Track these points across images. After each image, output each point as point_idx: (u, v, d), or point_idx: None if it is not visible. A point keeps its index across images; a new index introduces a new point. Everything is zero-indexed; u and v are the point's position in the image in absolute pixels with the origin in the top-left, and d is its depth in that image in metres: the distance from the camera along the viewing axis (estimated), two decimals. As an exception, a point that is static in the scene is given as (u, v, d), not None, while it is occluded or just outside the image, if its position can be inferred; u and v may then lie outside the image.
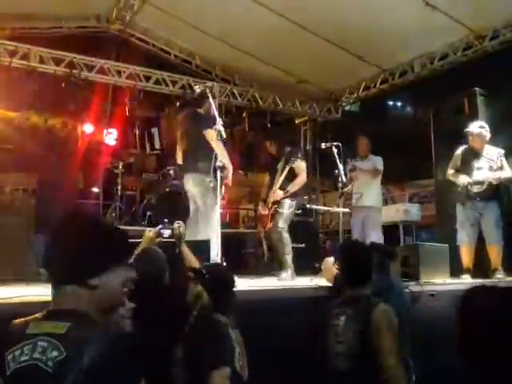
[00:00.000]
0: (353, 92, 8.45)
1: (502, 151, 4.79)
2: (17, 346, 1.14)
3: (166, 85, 7.43)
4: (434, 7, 5.79)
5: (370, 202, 5.64)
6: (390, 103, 11.70)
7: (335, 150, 4.97)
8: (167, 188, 6.35)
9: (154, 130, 8.05)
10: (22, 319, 1.24)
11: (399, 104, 11.89)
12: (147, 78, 7.34)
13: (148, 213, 5.92)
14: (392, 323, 2.33)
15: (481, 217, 4.70)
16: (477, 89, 5.42)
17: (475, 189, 4.67)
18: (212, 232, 3.94)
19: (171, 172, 6.46)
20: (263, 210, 4.84)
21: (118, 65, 7.19)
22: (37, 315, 1.22)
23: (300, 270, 4.65)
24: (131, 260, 1.47)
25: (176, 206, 5.97)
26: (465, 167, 4.80)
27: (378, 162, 5.75)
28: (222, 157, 4.03)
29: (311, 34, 6.63)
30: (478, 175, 4.69)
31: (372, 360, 2.25)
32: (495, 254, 4.64)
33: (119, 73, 7.15)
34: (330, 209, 4.73)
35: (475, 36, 6.34)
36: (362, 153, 5.88)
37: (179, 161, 4.53)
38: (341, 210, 4.71)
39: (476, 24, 6.21)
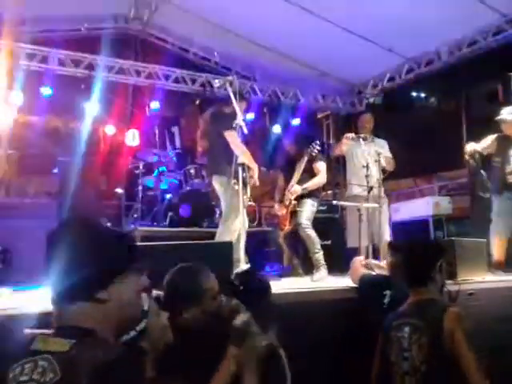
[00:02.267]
0: (377, 84, 8.20)
1: None
2: (19, 363, 1.06)
3: (186, 83, 7.35)
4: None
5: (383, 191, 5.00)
6: (414, 94, 11.38)
7: (362, 143, 4.80)
8: (188, 187, 6.26)
9: (175, 129, 7.98)
10: (32, 331, 1.16)
11: (423, 95, 11.55)
12: (166, 77, 7.27)
13: (169, 213, 5.83)
14: (468, 329, 2.06)
15: None
16: (512, 74, 5.16)
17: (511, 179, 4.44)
18: (230, 234, 3.81)
19: (192, 171, 6.36)
20: (280, 211, 4.68)
21: (137, 64, 7.15)
22: (47, 331, 1.13)
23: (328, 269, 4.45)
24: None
25: (197, 206, 5.88)
26: (500, 156, 4.56)
27: (386, 146, 5.26)
28: (244, 157, 3.91)
29: (331, 24, 6.42)
30: None
31: (446, 377, 1.98)
32: None
33: (138, 72, 7.11)
34: (357, 204, 4.53)
35: (506, 20, 6.03)
36: (365, 132, 5.24)
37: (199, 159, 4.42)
38: (370, 205, 4.52)
39: (506, 7, 5.90)
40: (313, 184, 4.57)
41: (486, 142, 4.70)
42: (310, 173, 4.61)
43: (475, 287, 3.28)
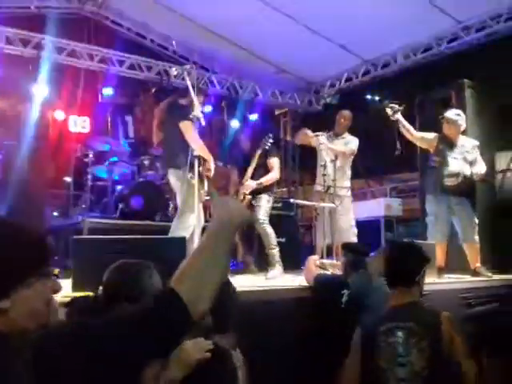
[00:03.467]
0: (334, 84, 8.29)
1: (477, 143, 4.60)
2: None
3: (141, 70, 7.11)
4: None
5: (343, 190, 4.98)
6: (369, 96, 11.61)
7: (321, 140, 4.79)
8: (141, 178, 6.06)
9: (128, 118, 7.72)
10: None
11: (378, 97, 11.81)
12: (121, 63, 7.00)
13: (120, 205, 5.61)
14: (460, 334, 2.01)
15: (454, 213, 4.47)
16: (465, 81, 5.29)
17: (449, 182, 4.42)
18: (185, 230, 3.70)
19: (146, 162, 6.16)
20: None
21: (91, 48, 6.83)
22: None
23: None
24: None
25: (150, 198, 5.69)
26: (440, 156, 4.53)
27: (353, 142, 5.13)
28: (199, 149, 3.80)
29: (292, 20, 6.40)
30: (452, 166, 4.42)
31: (447, 381, 1.95)
32: (474, 251, 4.48)
33: (91, 56, 6.80)
34: (315, 204, 4.52)
35: (461, 27, 6.22)
36: (339, 130, 5.14)
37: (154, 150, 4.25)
38: (327, 205, 4.52)
39: (461, 14, 6.09)
40: (266, 180, 4.52)
41: (429, 136, 4.65)
42: (264, 168, 4.57)
43: (427, 288, 3.34)
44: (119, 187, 6.10)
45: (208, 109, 7.27)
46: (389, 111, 4.44)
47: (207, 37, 7.13)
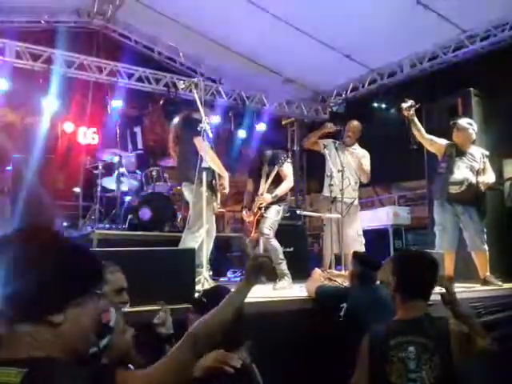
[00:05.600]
0: (340, 93, 8.33)
1: (487, 153, 4.58)
2: None
3: (149, 82, 7.18)
4: (425, 6, 5.68)
5: (350, 200, 4.93)
6: (376, 104, 11.63)
7: (326, 152, 4.80)
8: (150, 190, 6.10)
9: (137, 129, 7.80)
10: None
11: (385, 105, 11.82)
12: (129, 75, 7.09)
13: (129, 216, 5.66)
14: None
15: (460, 221, 4.44)
16: (472, 89, 5.29)
17: (453, 189, 4.41)
18: (194, 241, 3.74)
19: (154, 173, 6.21)
20: (248, 217, 4.63)
21: (99, 61, 6.92)
22: None
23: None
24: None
25: (158, 209, 5.73)
26: (446, 163, 4.52)
27: (367, 157, 5.13)
28: (215, 166, 3.85)
29: (299, 31, 6.46)
30: (457, 174, 4.42)
31: None
32: (483, 260, 4.44)
33: (100, 69, 6.89)
34: (321, 215, 4.53)
35: (466, 36, 6.25)
36: (349, 141, 5.11)
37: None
38: (333, 215, 4.52)
39: (467, 23, 6.11)
40: (281, 190, 4.50)
41: (438, 141, 4.64)
42: (277, 177, 4.54)
43: (435, 298, 3.33)
44: (128, 198, 6.15)
45: (216, 119, 7.33)
46: (404, 105, 4.38)
47: (214, 48, 7.21)
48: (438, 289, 2.32)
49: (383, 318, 2.32)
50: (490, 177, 4.50)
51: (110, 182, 6.32)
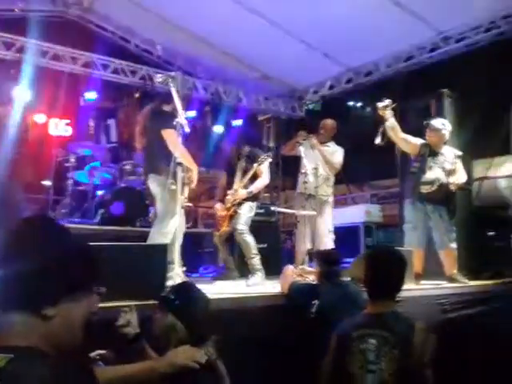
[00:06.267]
0: (317, 90, 8.37)
1: (459, 153, 4.68)
2: None
3: (125, 74, 7.08)
4: (402, 7, 5.75)
5: (324, 197, 5.01)
6: (352, 103, 11.74)
7: (302, 149, 4.83)
8: (123, 184, 6.03)
9: (111, 122, 7.67)
10: None
11: (360, 104, 11.95)
12: (105, 67, 6.97)
13: (100, 210, 5.58)
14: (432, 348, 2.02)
15: (430, 220, 4.53)
16: (445, 90, 5.40)
17: (424, 189, 4.49)
18: (164, 236, 3.71)
19: (127, 167, 6.13)
20: (220, 212, 4.63)
21: (74, 52, 6.78)
22: None
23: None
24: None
25: (131, 204, 5.67)
26: (419, 163, 4.60)
27: (339, 152, 5.19)
28: (183, 158, 3.80)
29: (277, 28, 6.46)
30: (429, 174, 4.51)
31: None
32: (451, 258, 4.53)
33: (75, 60, 6.75)
34: (295, 212, 4.57)
35: (441, 37, 6.36)
36: (323, 138, 5.16)
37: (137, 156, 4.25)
38: (307, 213, 4.56)
39: (443, 24, 6.22)
40: (256, 188, 4.55)
41: (412, 140, 4.68)
42: (252, 174, 4.56)
43: (404, 295, 3.40)
44: (100, 192, 6.06)
45: (192, 114, 7.28)
46: (380, 105, 4.43)
47: (192, 42, 7.15)
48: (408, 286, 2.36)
49: (353, 314, 2.37)
50: (461, 177, 4.59)
51: (82, 176, 6.22)
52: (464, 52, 6.34)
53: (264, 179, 4.61)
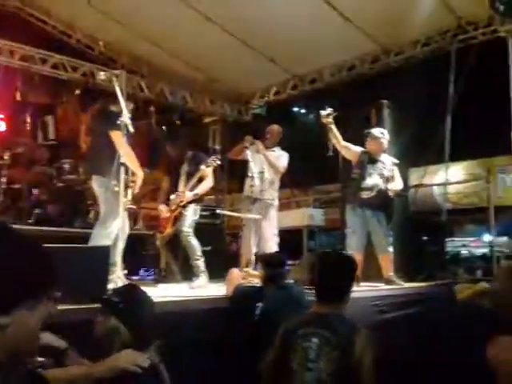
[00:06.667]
0: (263, 95, 8.46)
1: (396, 161, 4.91)
2: None
3: (65, 70, 6.81)
4: (347, 19, 5.96)
5: (270, 201, 5.07)
6: (296, 109, 11.98)
7: (249, 153, 4.87)
8: (61, 183, 5.78)
9: (49, 119, 7.35)
10: None
11: (304, 111, 12.21)
12: (44, 61, 6.66)
13: (36, 210, 5.32)
14: (372, 353, 2.05)
15: (369, 225, 4.70)
16: (384, 101, 5.64)
17: (364, 194, 4.68)
18: (107, 237, 3.62)
19: (66, 166, 5.89)
20: (164, 214, 4.60)
21: (12, 45, 6.42)
22: None
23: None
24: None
25: (70, 204, 5.46)
26: (359, 169, 4.78)
27: (284, 157, 5.25)
28: (131, 163, 3.74)
29: (225, 32, 6.48)
30: (368, 180, 4.70)
31: None
32: (387, 262, 4.73)
33: (12, 53, 6.41)
34: (241, 215, 4.59)
35: (382, 50, 6.64)
36: (268, 143, 5.22)
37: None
38: (253, 216, 4.59)
39: (384, 39, 6.50)
40: (202, 190, 4.60)
41: (353, 148, 4.86)
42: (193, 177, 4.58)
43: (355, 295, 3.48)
44: (36, 191, 5.78)
45: (136, 113, 7.11)
46: (323, 113, 4.55)
47: (137, 40, 7.00)
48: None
49: (299, 312, 2.42)
50: (398, 184, 4.82)
51: (16, 173, 5.89)
52: (403, 65, 6.66)
53: (209, 182, 4.67)
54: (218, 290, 3.69)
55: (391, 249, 4.75)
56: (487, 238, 7.86)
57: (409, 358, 3.27)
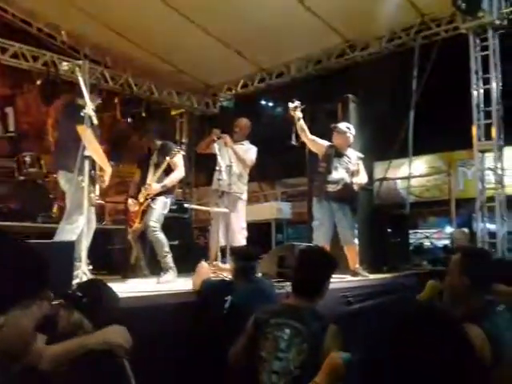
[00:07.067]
0: (231, 88, 8.43)
1: (361, 155, 4.99)
2: None
3: (26, 60, 6.58)
4: (314, 13, 6.00)
5: (238, 194, 5.05)
6: (264, 103, 12.00)
7: (216, 146, 4.84)
8: (22, 176, 5.61)
9: (9, 110, 7.09)
10: None
11: (272, 104, 12.25)
12: (3, 50, 6.42)
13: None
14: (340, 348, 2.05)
15: (335, 217, 4.77)
16: (350, 95, 5.71)
17: (330, 188, 4.74)
18: (72, 232, 3.55)
19: (27, 159, 5.71)
20: (133, 207, 4.49)
21: (-32, 32, 6.17)
22: None
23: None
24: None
25: (32, 198, 5.31)
26: (326, 163, 4.84)
27: (252, 151, 5.27)
28: (98, 158, 3.66)
29: (192, 24, 6.41)
30: (334, 174, 4.77)
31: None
32: (353, 253, 4.81)
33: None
34: (209, 209, 4.56)
35: (348, 45, 6.72)
36: (236, 137, 5.22)
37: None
38: (221, 210, 4.57)
39: (350, 34, 6.58)
40: (171, 181, 4.45)
41: (320, 142, 4.92)
42: (167, 168, 4.45)
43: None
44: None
45: (100, 105, 6.94)
46: (291, 105, 4.57)
47: (100, 30, 6.81)
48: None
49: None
50: (363, 177, 4.91)
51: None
52: (368, 60, 6.77)
53: (179, 172, 4.54)
54: (186, 284, 3.67)
55: (357, 241, 4.83)
56: (449, 229, 8.14)
57: (374, 349, 3.35)
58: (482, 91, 5.52)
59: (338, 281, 4.43)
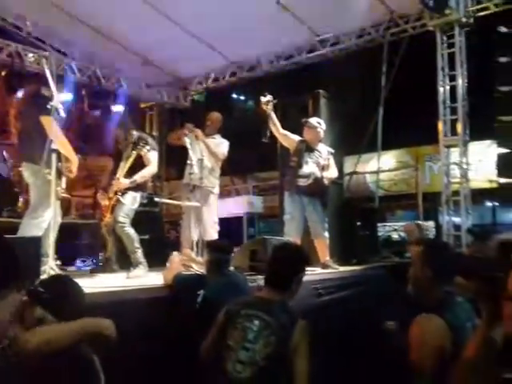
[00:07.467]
0: (201, 82, 8.37)
1: (331, 150, 5.05)
2: None
3: (-11, 50, 6.35)
4: (284, 6, 6.01)
5: (209, 188, 5.02)
6: (235, 96, 11.97)
7: (187, 140, 4.81)
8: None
9: (-29, 102, 6.85)
10: None
11: (243, 98, 12.24)
12: (-36, 39, 6.19)
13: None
14: (308, 343, 2.13)
15: (306, 211, 4.82)
16: (321, 91, 5.76)
17: (301, 182, 4.78)
18: (37, 227, 3.47)
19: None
20: (103, 201, 4.39)
21: None
22: None
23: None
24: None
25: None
26: (297, 157, 4.86)
27: (224, 144, 5.22)
28: (64, 148, 3.56)
29: (163, 16, 6.32)
30: (305, 168, 4.80)
31: (279, 375, 2.08)
32: (323, 246, 4.86)
33: None
34: (180, 203, 4.52)
35: (319, 40, 6.77)
36: (208, 131, 5.17)
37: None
38: (192, 204, 4.54)
39: (320, 29, 6.62)
40: (142, 176, 4.32)
41: (291, 136, 4.94)
42: (139, 163, 4.32)
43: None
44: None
45: (67, 97, 6.78)
46: (263, 99, 4.57)
47: (67, 21, 6.62)
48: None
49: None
50: (333, 172, 4.98)
51: None
52: (338, 55, 6.84)
53: (151, 168, 4.41)
54: (158, 278, 3.65)
55: (327, 234, 4.90)
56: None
57: (343, 338, 3.42)
58: (448, 88, 5.67)
59: (309, 274, 4.48)
